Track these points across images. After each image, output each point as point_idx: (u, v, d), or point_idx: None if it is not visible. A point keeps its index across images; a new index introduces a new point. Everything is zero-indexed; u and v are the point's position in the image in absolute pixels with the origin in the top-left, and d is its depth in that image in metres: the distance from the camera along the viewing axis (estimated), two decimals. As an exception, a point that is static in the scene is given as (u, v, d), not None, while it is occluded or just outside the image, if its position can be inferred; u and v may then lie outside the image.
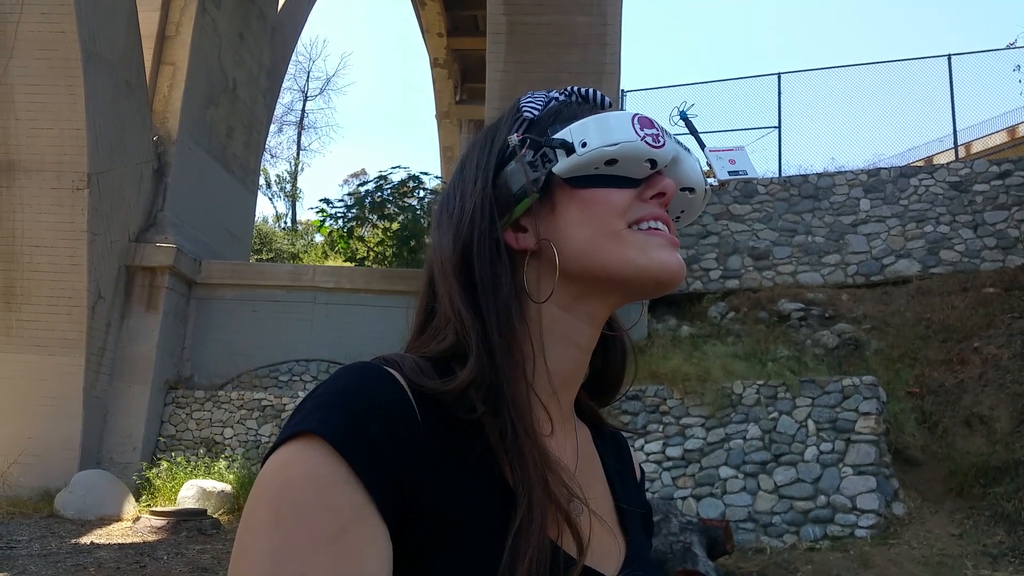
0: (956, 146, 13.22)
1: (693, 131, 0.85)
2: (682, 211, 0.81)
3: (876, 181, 12.27)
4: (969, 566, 6.47)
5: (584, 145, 0.70)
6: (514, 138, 0.73)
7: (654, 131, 0.72)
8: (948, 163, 12.40)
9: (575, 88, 0.79)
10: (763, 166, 14.12)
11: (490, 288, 0.70)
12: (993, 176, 11.78)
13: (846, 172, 12.55)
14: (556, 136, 0.72)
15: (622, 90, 13.73)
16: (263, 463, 0.61)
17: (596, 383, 0.83)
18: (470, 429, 0.65)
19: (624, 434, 0.89)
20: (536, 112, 0.76)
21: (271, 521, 0.56)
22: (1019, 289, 10.20)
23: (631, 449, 0.91)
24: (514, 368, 0.68)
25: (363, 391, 0.62)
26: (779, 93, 14.01)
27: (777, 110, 14.03)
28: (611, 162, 0.71)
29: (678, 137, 0.78)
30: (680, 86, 18.26)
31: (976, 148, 15.36)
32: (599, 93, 0.79)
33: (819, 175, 12.65)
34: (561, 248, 0.72)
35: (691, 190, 0.79)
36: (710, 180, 0.81)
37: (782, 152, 13.83)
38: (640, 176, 0.73)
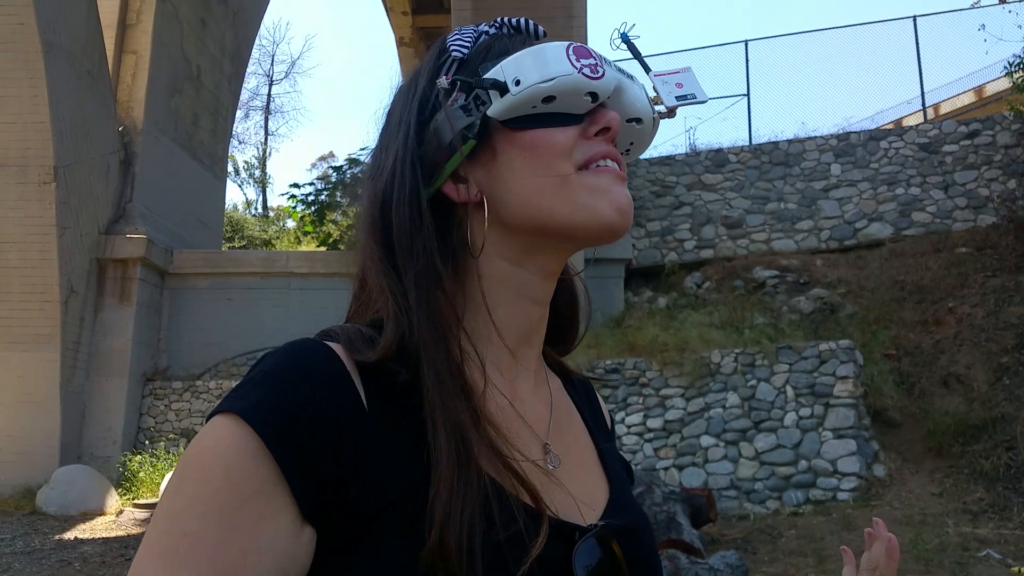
0: (924, 108, 13.30)
1: (636, 54, 0.78)
2: (631, 143, 0.76)
3: (846, 145, 12.33)
4: (950, 524, 6.58)
5: (518, 83, 0.65)
6: (443, 81, 0.68)
7: (591, 61, 0.67)
8: (917, 125, 12.48)
9: (506, 19, 0.74)
10: (734, 134, 14.17)
11: (407, 248, 0.66)
12: (962, 136, 11.87)
13: (816, 138, 12.59)
14: (487, 76, 0.67)
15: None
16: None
17: (551, 331, 0.78)
18: (411, 398, 0.62)
19: (604, 402, 0.87)
20: (465, 50, 0.70)
21: (175, 486, 0.56)
22: (991, 248, 10.33)
23: (599, 396, 0.89)
24: (438, 329, 0.64)
25: (290, 367, 0.60)
26: (747, 61, 14.01)
27: (746, 78, 14.04)
28: (549, 99, 0.66)
29: (620, 64, 0.73)
30: (647, 56, 18.25)
31: (945, 109, 15.46)
32: (531, 23, 0.74)
33: (789, 142, 12.69)
34: (505, 199, 0.68)
35: (638, 120, 0.74)
36: (657, 107, 0.75)
37: (751, 120, 13.85)
38: (582, 111, 0.68)
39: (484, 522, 0.58)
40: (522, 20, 0.74)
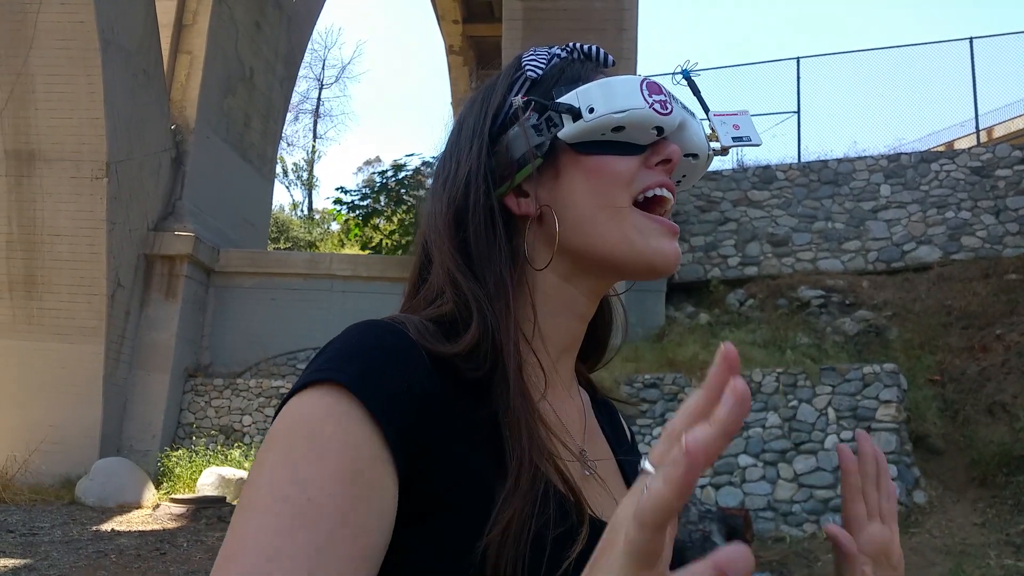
0: (978, 131, 13.02)
1: (696, 92, 0.82)
2: (684, 175, 0.80)
3: (896, 166, 12.13)
4: (992, 555, 6.40)
5: (592, 111, 0.69)
6: (518, 100, 0.71)
7: (662, 97, 0.70)
8: (970, 148, 12.23)
9: (578, 44, 0.77)
10: (782, 151, 13.99)
11: (485, 255, 0.69)
12: (1016, 161, 11.61)
13: (866, 157, 12.41)
14: (563, 100, 0.70)
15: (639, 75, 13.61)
16: (275, 416, 0.61)
17: (582, 347, 0.81)
18: (478, 391, 0.64)
19: (640, 421, 0.87)
20: (540, 71, 0.74)
21: (282, 452, 0.56)
22: (1043, 275, 10.07)
23: (621, 415, 0.92)
24: (513, 330, 0.67)
25: (377, 345, 0.61)
26: (798, 78, 13.86)
27: (796, 95, 13.88)
28: (618, 128, 0.69)
29: (682, 100, 0.76)
30: (697, 63, 18.16)
31: (999, 132, 15.16)
32: (602, 51, 0.77)
33: (839, 160, 12.52)
34: (563, 216, 0.71)
35: (694, 155, 0.78)
36: (713, 145, 0.79)
37: (801, 137, 13.67)
38: (645, 142, 0.72)
39: (542, 520, 0.60)
40: (593, 48, 0.77)
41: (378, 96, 75.29)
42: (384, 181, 15.84)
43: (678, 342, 10.04)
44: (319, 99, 36.87)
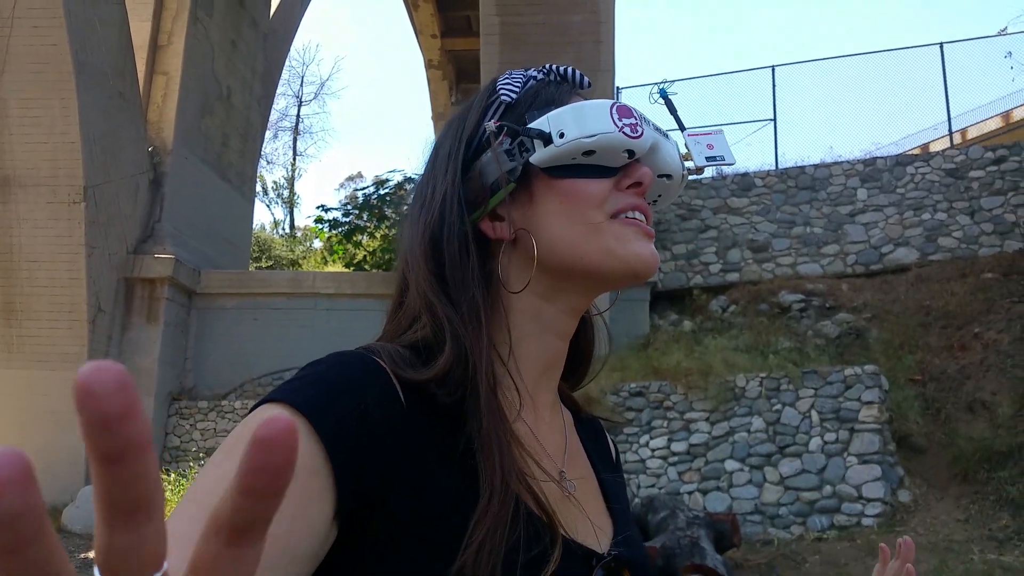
0: (951, 133, 13.23)
1: (672, 111, 0.84)
2: (659, 195, 0.80)
3: (872, 170, 12.28)
4: (976, 551, 6.47)
5: (562, 136, 0.70)
6: (491, 125, 0.72)
7: (632, 120, 0.71)
8: (944, 150, 12.41)
9: (554, 66, 0.78)
10: (759, 159, 14.16)
11: (459, 279, 0.70)
12: (988, 162, 11.79)
13: (842, 163, 12.56)
14: (534, 126, 0.71)
15: (617, 87, 13.73)
16: None
17: (565, 366, 0.81)
18: (454, 417, 0.65)
19: (627, 430, 0.90)
20: (514, 95, 0.75)
21: (220, 458, 0.57)
22: (1017, 274, 10.22)
23: (606, 433, 0.92)
24: (486, 355, 0.67)
25: (340, 372, 0.63)
26: (773, 86, 14.03)
27: (772, 103, 14.04)
28: (589, 152, 0.70)
29: (656, 122, 0.77)
30: (672, 81, 18.28)
31: (972, 134, 15.35)
32: (577, 72, 0.78)
33: (816, 166, 12.66)
34: (539, 239, 0.72)
35: (668, 176, 0.78)
36: (687, 164, 0.80)
37: (778, 145, 13.83)
38: (617, 165, 0.73)
39: (515, 543, 0.61)
40: (569, 69, 0.77)
41: (358, 112, 75.41)
42: (366, 197, 15.86)
43: (663, 350, 10.10)
44: (298, 116, 36.84)
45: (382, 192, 15.40)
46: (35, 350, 10.67)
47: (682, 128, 0.81)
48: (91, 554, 7.85)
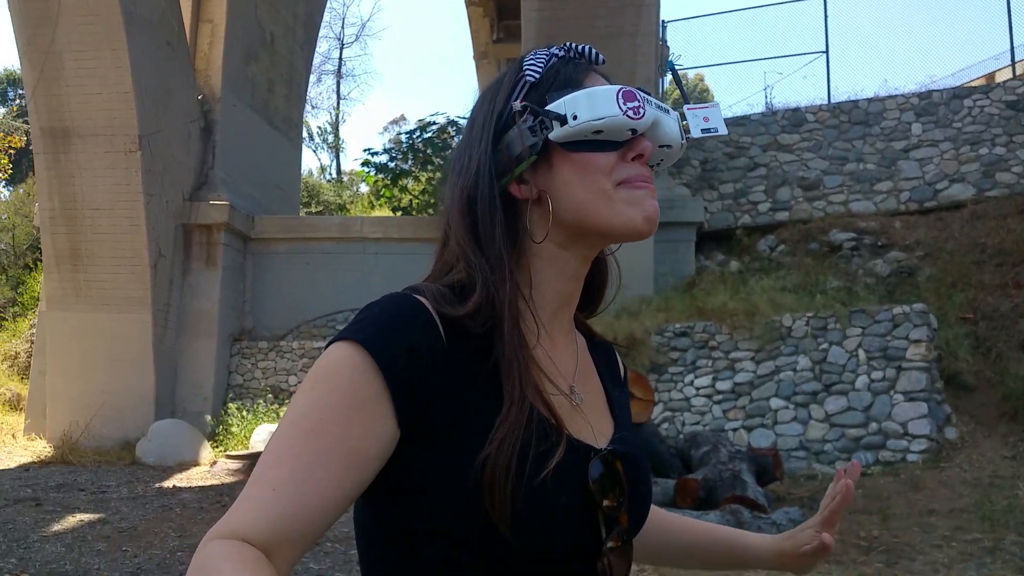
0: (1013, 63, 12.73)
1: (679, 82, 0.97)
2: (661, 160, 0.94)
3: (928, 104, 11.97)
4: (1021, 487, 6.51)
5: (575, 118, 0.83)
6: (517, 105, 0.86)
7: (635, 103, 0.84)
8: (1005, 81, 12.01)
9: (574, 45, 0.91)
10: (812, 93, 13.85)
11: (489, 235, 0.86)
12: (1052, 93, 11.41)
13: (897, 96, 12.24)
14: (552, 107, 0.85)
15: (662, 20, 13.47)
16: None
17: (582, 299, 0.98)
18: (484, 344, 0.82)
19: (671, 369, 1.04)
20: (538, 74, 0.89)
21: (308, 387, 0.77)
22: (1078, 209, 9.98)
23: (617, 355, 1.09)
24: (510, 294, 0.83)
25: (393, 314, 0.81)
26: (825, 16, 13.64)
27: (824, 34, 13.68)
28: (598, 131, 0.84)
29: (657, 101, 0.90)
30: (721, 13, 17.83)
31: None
32: (594, 51, 0.91)
33: (869, 100, 12.37)
34: (557, 198, 0.86)
35: (668, 146, 0.92)
36: (687, 135, 0.94)
37: (830, 78, 13.50)
38: (623, 140, 0.86)
39: (528, 440, 0.78)
40: (586, 48, 0.91)
41: (400, 53, 74.86)
42: (411, 141, 15.94)
43: (708, 291, 10.14)
44: (340, 59, 36.79)
45: (426, 136, 15.45)
46: (101, 294, 11.10)
47: (686, 100, 0.92)
48: (165, 484, 8.31)
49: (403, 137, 16.04)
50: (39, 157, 11.08)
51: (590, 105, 0.83)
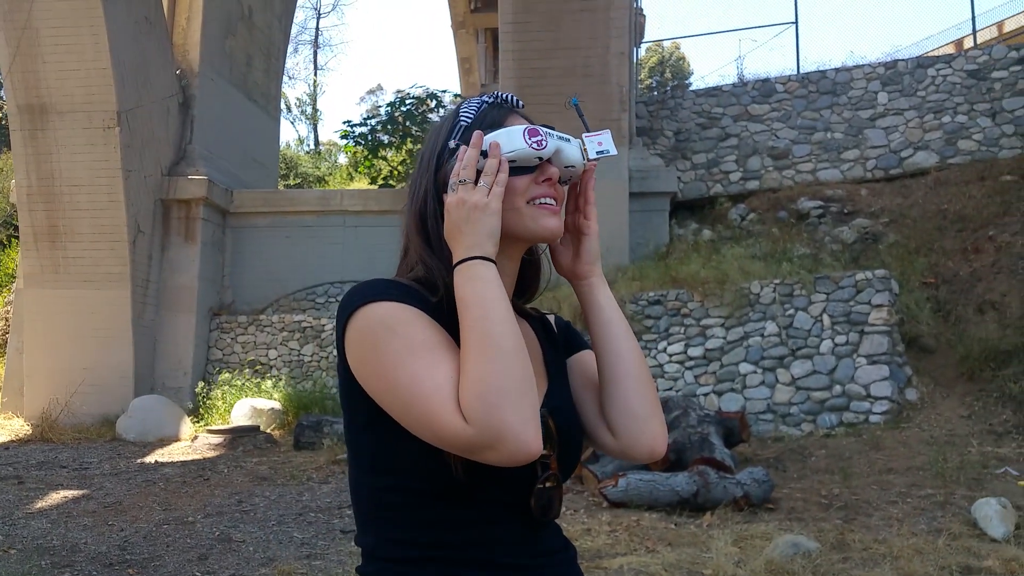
0: (975, 32, 13.01)
1: (580, 116, 1.21)
2: (570, 176, 1.15)
3: (894, 73, 12.22)
4: (975, 444, 6.85)
5: None
6: (453, 143, 1.09)
7: (539, 138, 1.06)
8: (966, 51, 12.27)
9: (499, 94, 1.14)
10: (782, 64, 14.03)
11: (439, 244, 1.06)
12: (1012, 62, 11.68)
13: (864, 66, 12.48)
14: None
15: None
16: (344, 324, 1.00)
17: (519, 289, 1.20)
18: (447, 321, 1.01)
19: (645, 336, 1.25)
20: (470, 119, 1.11)
21: (385, 333, 0.96)
22: (1036, 176, 10.29)
23: (552, 323, 1.29)
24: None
25: (393, 284, 1.03)
26: (796, -13, 13.79)
27: (794, 5, 13.88)
28: (512, 161, 1.06)
29: (559, 132, 1.13)
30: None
31: (1009, 27, 15.03)
32: (515, 97, 1.14)
33: (836, 70, 12.60)
34: None
35: (572, 167, 1.13)
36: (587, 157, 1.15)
37: (800, 49, 13.72)
38: (534, 165, 1.08)
39: None
40: (510, 96, 1.14)
41: (376, 22, 74.06)
42: (391, 112, 15.98)
43: (681, 259, 10.37)
44: (317, 29, 36.52)
45: (404, 108, 15.51)
46: (80, 271, 11.15)
47: (587, 129, 1.16)
48: (146, 459, 8.48)
49: (382, 110, 16.06)
50: (16, 134, 11.09)
51: (506, 141, 1.05)
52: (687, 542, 4.69)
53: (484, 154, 1.05)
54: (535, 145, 1.06)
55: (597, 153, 1.14)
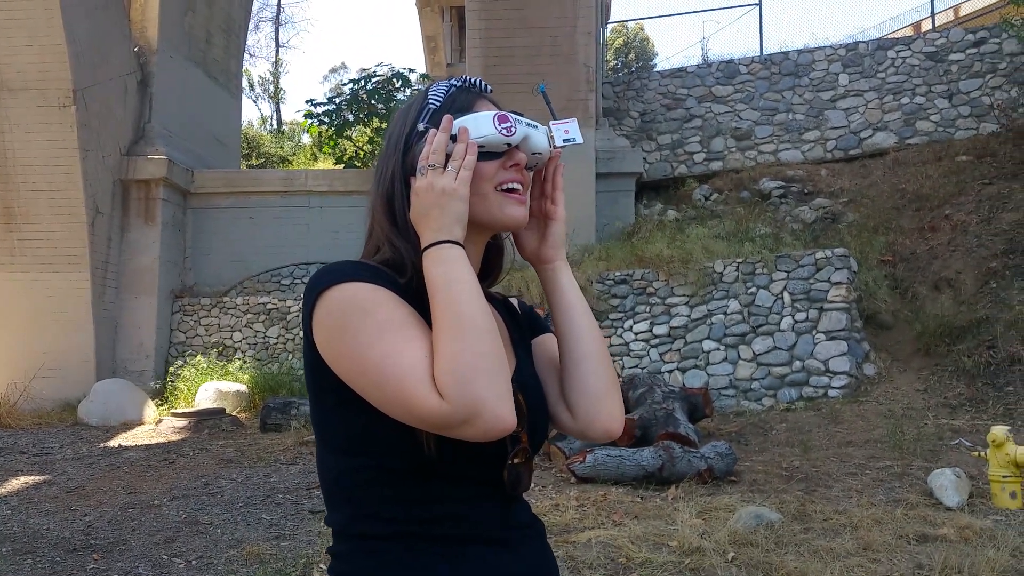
0: (933, 14, 13.21)
1: (547, 103, 1.21)
2: (536, 163, 1.16)
3: (855, 55, 12.38)
4: (930, 416, 7.04)
5: None
6: (421, 126, 1.08)
7: (508, 124, 1.06)
8: (925, 33, 12.47)
9: (468, 78, 1.14)
10: (745, 45, 14.15)
11: (404, 225, 1.07)
12: (968, 44, 11.90)
13: (825, 47, 12.63)
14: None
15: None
16: (312, 305, 0.99)
17: (483, 272, 1.19)
18: (417, 301, 1.01)
19: (611, 315, 1.24)
20: (439, 102, 1.10)
21: (358, 313, 0.95)
22: (990, 156, 10.52)
23: (515, 306, 1.30)
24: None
25: (364, 266, 1.01)
26: (759, -32, 13.90)
27: (757, -14, 13.95)
28: (481, 146, 1.06)
29: (528, 119, 1.13)
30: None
31: (965, 10, 15.28)
32: (483, 82, 1.14)
33: (799, 52, 12.73)
34: None
35: (539, 153, 1.14)
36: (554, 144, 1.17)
37: (763, 30, 13.83)
38: (502, 151, 1.08)
39: None
40: (478, 80, 1.14)
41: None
42: (355, 91, 15.79)
43: (647, 239, 10.47)
44: (279, 5, 35.93)
45: (370, 87, 15.35)
46: (37, 253, 10.94)
47: (554, 117, 1.17)
48: (110, 443, 8.38)
49: (346, 88, 15.87)
50: (-35, 113, 10.80)
51: (474, 127, 1.05)
52: (653, 515, 4.77)
53: (453, 138, 1.05)
54: (504, 131, 1.06)
55: (563, 141, 1.15)
